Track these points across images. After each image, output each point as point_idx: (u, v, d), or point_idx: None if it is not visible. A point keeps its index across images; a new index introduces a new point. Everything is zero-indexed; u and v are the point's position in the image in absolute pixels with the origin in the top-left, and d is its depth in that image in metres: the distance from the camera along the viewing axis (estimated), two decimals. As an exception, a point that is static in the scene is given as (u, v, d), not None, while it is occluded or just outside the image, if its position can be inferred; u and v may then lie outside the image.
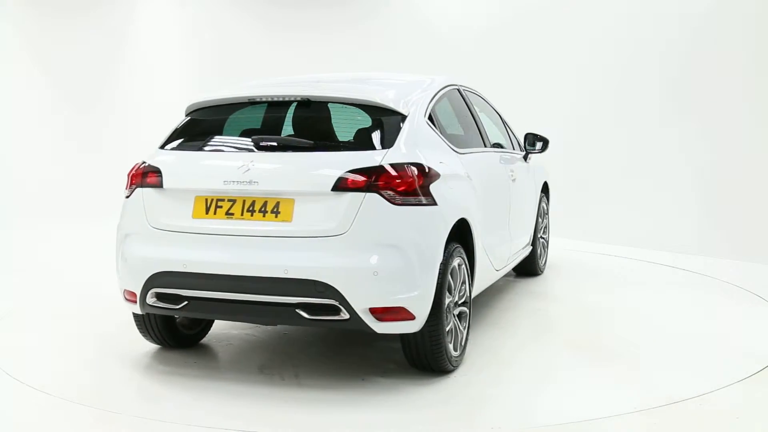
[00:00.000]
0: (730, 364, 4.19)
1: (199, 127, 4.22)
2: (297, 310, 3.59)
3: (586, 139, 8.70)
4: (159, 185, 3.87)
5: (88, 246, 7.91)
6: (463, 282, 4.11)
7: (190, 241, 3.73)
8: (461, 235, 4.16)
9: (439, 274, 3.74)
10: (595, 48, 8.74)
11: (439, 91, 4.49)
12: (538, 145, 5.80)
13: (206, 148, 4.03)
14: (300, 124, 4.20)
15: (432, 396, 3.71)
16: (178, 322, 4.40)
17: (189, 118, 4.27)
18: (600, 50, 8.71)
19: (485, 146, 4.99)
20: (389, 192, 3.56)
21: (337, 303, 3.52)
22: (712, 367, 4.17)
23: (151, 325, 4.26)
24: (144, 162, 4.02)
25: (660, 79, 8.25)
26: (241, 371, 4.11)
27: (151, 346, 4.47)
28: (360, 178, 3.55)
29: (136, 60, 11.56)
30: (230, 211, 3.69)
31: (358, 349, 4.46)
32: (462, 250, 4.06)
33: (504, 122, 5.83)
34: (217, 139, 4.14)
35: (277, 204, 3.62)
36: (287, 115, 4.30)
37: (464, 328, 4.15)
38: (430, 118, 4.17)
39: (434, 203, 3.71)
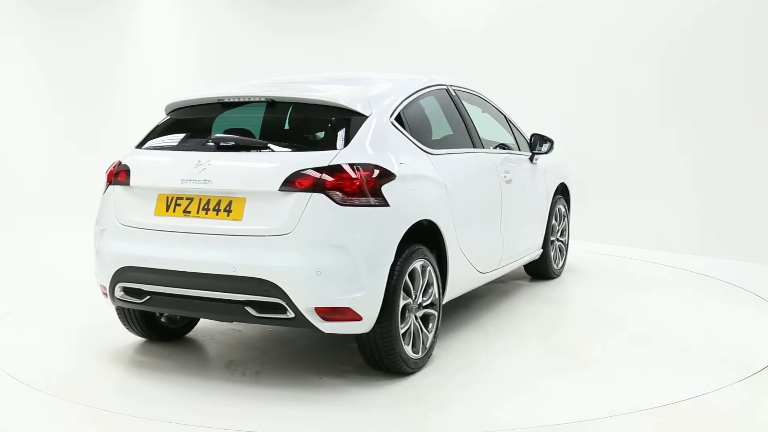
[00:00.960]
0: (730, 364, 4.19)
1: (174, 127, 4.34)
2: (246, 308, 3.67)
3: (586, 139, 8.69)
4: (127, 183, 4.05)
5: (87, 246, 7.88)
6: (429, 284, 4.09)
7: (151, 237, 3.87)
8: (433, 237, 4.16)
9: (394, 275, 3.74)
10: (595, 48, 8.73)
11: (416, 92, 4.49)
12: (545, 146, 5.70)
13: (175, 148, 4.17)
14: (262, 124, 4.26)
15: (383, 398, 3.72)
16: (166, 316, 4.53)
17: (167, 117, 4.41)
18: (600, 50, 8.70)
19: (475, 147, 4.91)
20: (335, 192, 3.59)
21: (282, 302, 3.58)
22: (712, 367, 4.17)
23: (132, 318, 4.41)
24: (119, 161, 4.19)
25: (660, 80, 8.24)
26: (209, 366, 4.26)
27: (144, 343, 4.57)
28: (306, 178, 3.60)
29: (136, 60, 11.55)
30: (188, 209, 3.81)
31: (325, 349, 4.46)
32: (427, 252, 4.04)
33: (510, 123, 5.73)
34: (187, 138, 4.25)
35: (230, 203, 3.72)
36: (255, 115, 4.34)
37: (431, 331, 4.12)
38: (399, 118, 4.17)
39: (385, 204, 3.71)
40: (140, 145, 4.29)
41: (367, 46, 10.51)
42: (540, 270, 6.17)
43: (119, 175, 4.11)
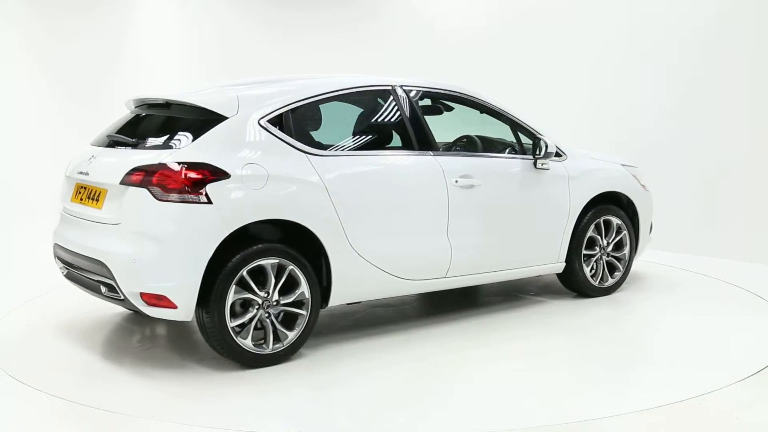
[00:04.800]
0: (730, 364, 4.19)
1: (115, 125, 4.72)
2: (101, 287, 4.15)
3: (586, 139, 8.68)
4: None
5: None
6: (295, 284, 4.17)
7: (64, 219, 4.61)
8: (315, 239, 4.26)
9: (224, 270, 3.94)
10: (595, 47, 8.73)
11: (323, 94, 4.52)
12: (543, 151, 5.25)
13: (95, 144, 4.63)
14: (150, 123, 4.57)
15: (206, 385, 3.90)
16: None
17: (129, 114, 4.77)
18: (601, 49, 8.71)
19: (422, 149, 4.73)
20: (155, 188, 3.91)
21: (113, 284, 4.01)
22: (712, 367, 4.18)
23: None
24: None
25: (661, 80, 8.24)
26: (126, 344, 4.70)
27: (142, 338, 4.62)
28: (138, 174, 3.98)
29: (136, 60, 11.54)
30: (82, 197, 4.40)
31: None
32: (291, 251, 4.15)
33: (518, 126, 5.36)
34: (112, 134, 4.57)
35: (99, 193, 4.23)
36: (167, 114, 4.54)
37: (293, 329, 4.19)
38: (279, 120, 4.26)
39: (209, 202, 3.92)
40: (93, 142, 4.73)
41: (367, 46, 10.51)
42: (573, 286, 5.69)
43: (68, 167, 4.75)
